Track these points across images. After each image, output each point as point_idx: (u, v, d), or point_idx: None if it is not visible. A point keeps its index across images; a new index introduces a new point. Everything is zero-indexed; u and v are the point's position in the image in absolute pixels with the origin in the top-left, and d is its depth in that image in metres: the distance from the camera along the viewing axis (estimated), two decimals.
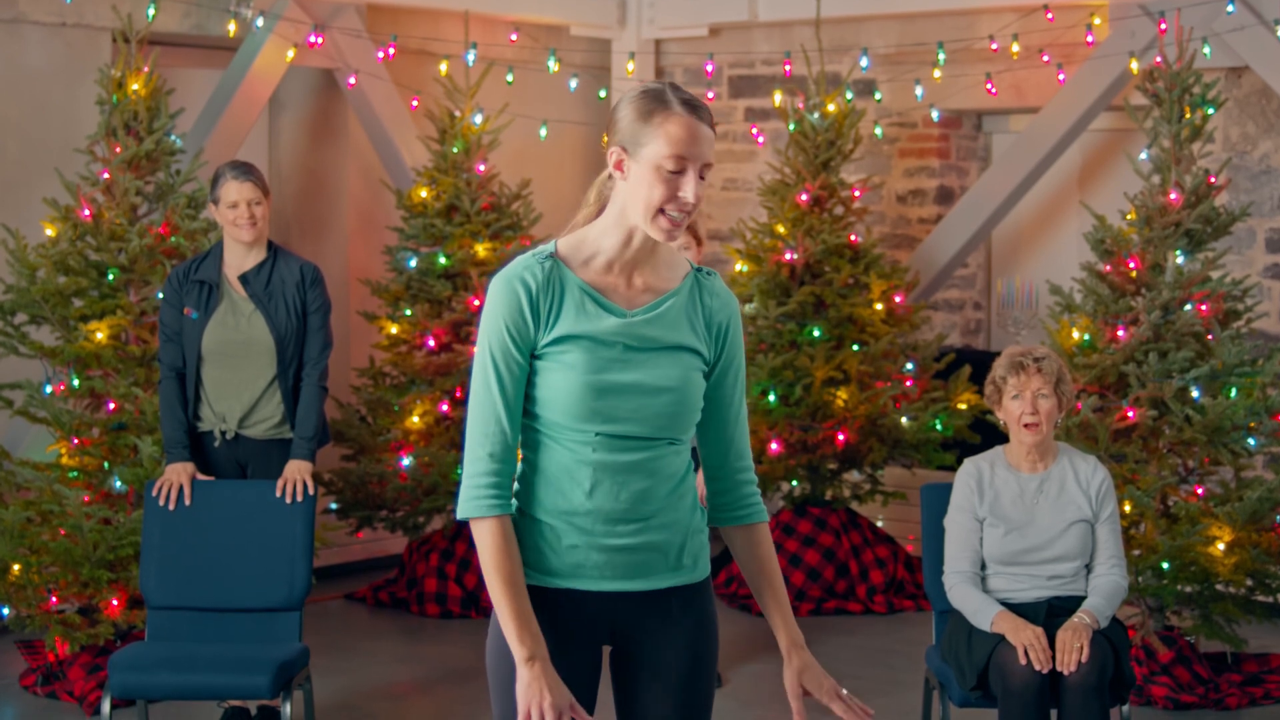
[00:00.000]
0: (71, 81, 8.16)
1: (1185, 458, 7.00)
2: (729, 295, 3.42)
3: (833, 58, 9.47)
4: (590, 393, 3.27)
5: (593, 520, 3.31)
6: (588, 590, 3.34)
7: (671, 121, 3.23)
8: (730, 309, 3.41)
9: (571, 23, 10.16)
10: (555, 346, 3.29)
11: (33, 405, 6.91)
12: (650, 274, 3.36)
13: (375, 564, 9.26)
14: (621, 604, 3.37)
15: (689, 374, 3.34)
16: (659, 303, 3.34)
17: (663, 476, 3.34)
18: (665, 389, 3.31)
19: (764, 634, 7.87)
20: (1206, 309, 6.92)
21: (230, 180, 6.12)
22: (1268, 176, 8.71)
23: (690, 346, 3.35)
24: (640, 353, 3.31)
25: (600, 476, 3.29)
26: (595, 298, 3.31)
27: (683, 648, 3.40)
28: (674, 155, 3.23)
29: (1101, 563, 5.32)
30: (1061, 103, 8.91)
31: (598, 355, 3.28)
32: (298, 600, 5.85)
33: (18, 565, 6.69)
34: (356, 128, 9.36)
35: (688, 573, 3.41)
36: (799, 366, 8.42)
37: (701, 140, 3.24)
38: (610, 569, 3.33)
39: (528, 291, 3.29)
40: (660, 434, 3.32)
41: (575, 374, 3.28)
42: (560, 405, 3.29)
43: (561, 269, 3.32)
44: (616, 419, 3.28)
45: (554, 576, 3.34)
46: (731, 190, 10.53)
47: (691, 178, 3.24)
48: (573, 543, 3.32)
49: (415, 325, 8.37)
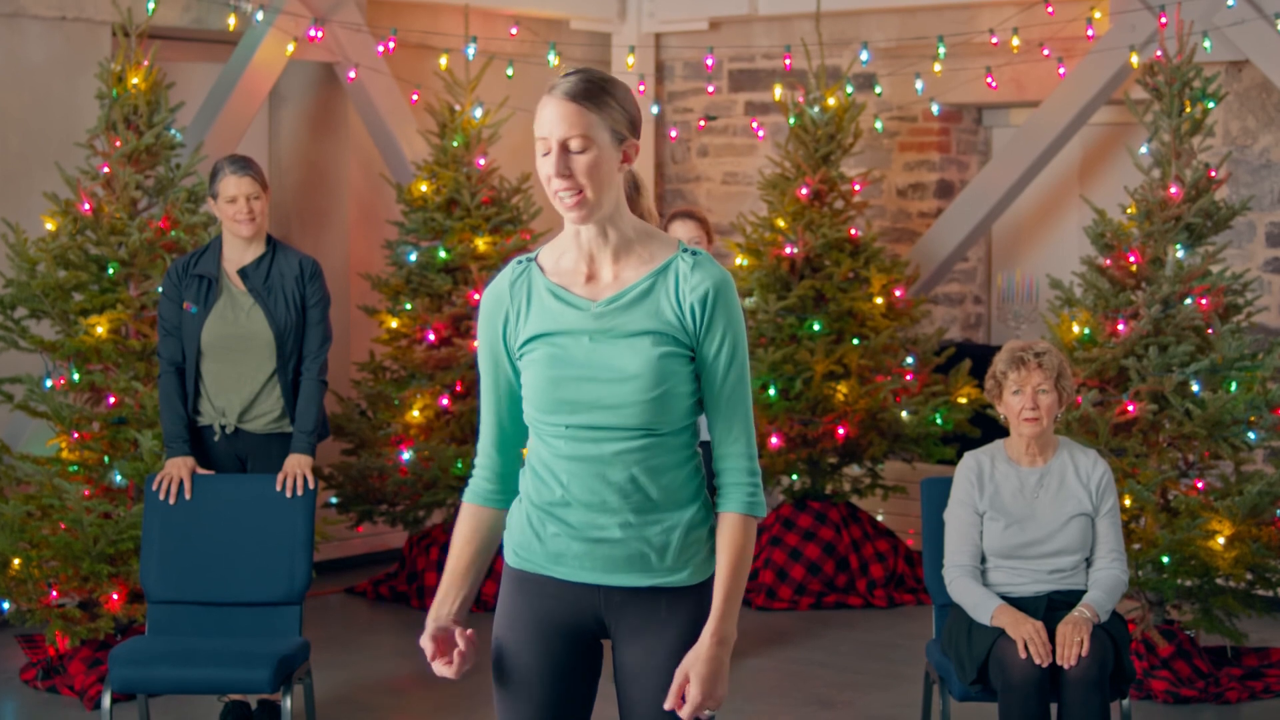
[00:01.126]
0: (71, 75, 8.15)
1: (1185, 452, 7.00)
2: (709, 271, 3.33)
3: (833, 51, 9.47)
4: (551, 385, 3.31)
5: (571, 512, 3.34)
6: (569, 580, 3.37)
7: (540, 105, 3.32)
8: (706, 285, 3.31)
9: (572, 16, 10.16)
10: (527, 346, 3.36)
11: (33, 399, 6.91)
12: (625, 263, 3.37)
13: (376, 558, 9.26)
14: (606, 598, 3.37)
15: (660, 360, 3.29)
16: (625, 291, 3.34)
17: (650, 470, 3.32)
18: (630, 376, 3.29)
19: (763, 628, 7.88)
20: (1207, 303, 6.92)
21: (229, 175, 6.12)
22: (1268, 170, 8.71)
23: (660, 331, 3.30)
24: (604, 343, 3.32)
25: (574, 468, 3.32)
26: (560, 294, 3.35)
27: (671, 653, 3.34)
28: (537, 136, 3.31)
29: (1102, 557, 5.32)
30: (1062, 97, 8.90)
31: (561, 349, 3.32)
32: (298, 594, 5.86)
33: (18, 559, 6.69)
34: (357, 122, 9.35)
35: (678, 575, 3.36)
36: (799, 360, 8.42)
37: (555, 116, 3.28)
38: (591, 561, 3.34)
39: (498, 301, 3.40)
40: (635, 424, 3.29)
41: (539, 369, 3.34)
42: (533, 400, 3.36)
43: (533, 272, 3.39)
44: (580, 410, 3.30)
45: (539, 563, 3.39)
46: (732, 184, 10.53)
47: (553, 156, 3.28)
48: (554, 532, 3.36)
49: (415, 319, 8.37)
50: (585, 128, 3.27)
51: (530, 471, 3.40)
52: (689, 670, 3.27)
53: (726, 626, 3.30)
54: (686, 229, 6.73)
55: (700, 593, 3.38)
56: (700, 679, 3.26)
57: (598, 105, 3.28)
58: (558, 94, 3.28)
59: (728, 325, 3.33)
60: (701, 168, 10.63)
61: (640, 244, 3.38)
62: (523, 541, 3.40)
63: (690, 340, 3.33)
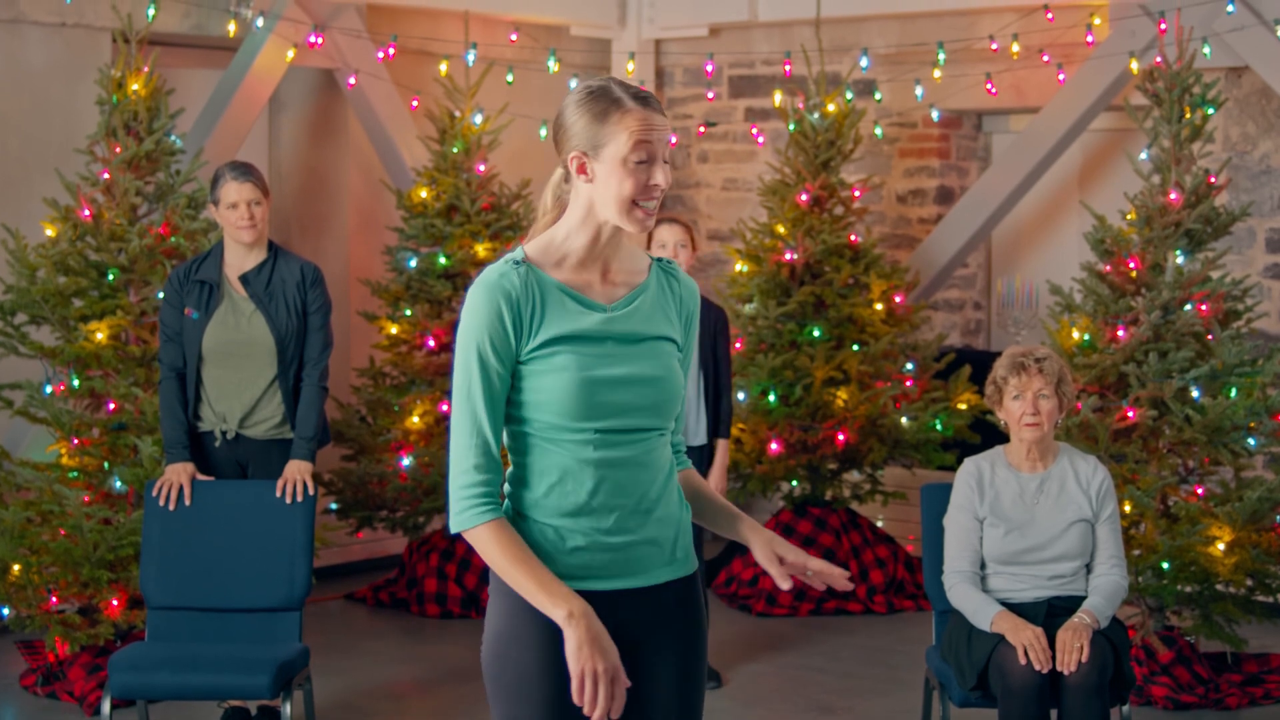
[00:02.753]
0: (71, 81, 8.16)
1: (1185, 458, 7.00)
2: (691, 282, 3.52)
3: (833, 58, 9.48)
4: (586, 389, 3.28)
5: (599, 518, 3.32)
6: (593, 590, 3.33)
7: (629, 117, 3.28)
8: (695, 296, 3.51)
9: (571, 22, 10.16)
10: (543, 350, 3.30)
11: (33, 405, 6.91)
12: (619, 268, 3.41)
13: (375, 564, 9.26)
14: (624, 601, 3.36)
15: (671, 362, 3.41)
16: (634, 295, 3.39)
17: (656, 468, 3.38)
18: (655, 378, 3.35)
19: (763, 634, 7.88)
20: (1206, 309, 6.92)
21: (230, 181, 6.12)
22: (1268, 176, 8.71)
23: (668, 335, 3.42)
24: (627, 345, 3.34)
25: (604, 474, 3.31)
26: (575, 296, 3.34)
27: (679, 640, 3.44)
28: (639, 149, 3.28)
29: (1101, 562, 5.32)
30: (1061, 103, 8.91)
31: (588, 352, 3.31)
32: (298, 600, 5.85)
33: (18, 565, 6.69)
34: (357, 128, 9.36)
35: (681, 565, 3.45)
36: (799, 366, 8.42)
37: (658, 128, 3.31)
38: (613, 568, 3.35)
39: (508, 300, 3.29)
40: (651, 424, 3.36)
41: (569, 374, 3.29)
42: (556, 407, 3.29)
43: (537, 273, 3.33)
44: (614, 414, 3.31)
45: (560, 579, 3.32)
46: (731, 190, 10.53)
47: (659, 165, 3.31)
48: (578, 544, 3.32)
49: (415, 325, 8.37)
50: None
51: (538, 483, 3.33)
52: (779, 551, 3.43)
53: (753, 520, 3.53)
54: (673, 233, 6.77)
55: (695, 579, 3.49)
56: (789, 548, 3.42)
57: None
58: (656, 105, 3.33)
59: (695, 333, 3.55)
60: (702, 174, 10.64)
61: (626, 249, 3.45)
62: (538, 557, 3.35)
63: (682, 343, 3.48)
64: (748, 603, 8.35)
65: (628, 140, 3.27)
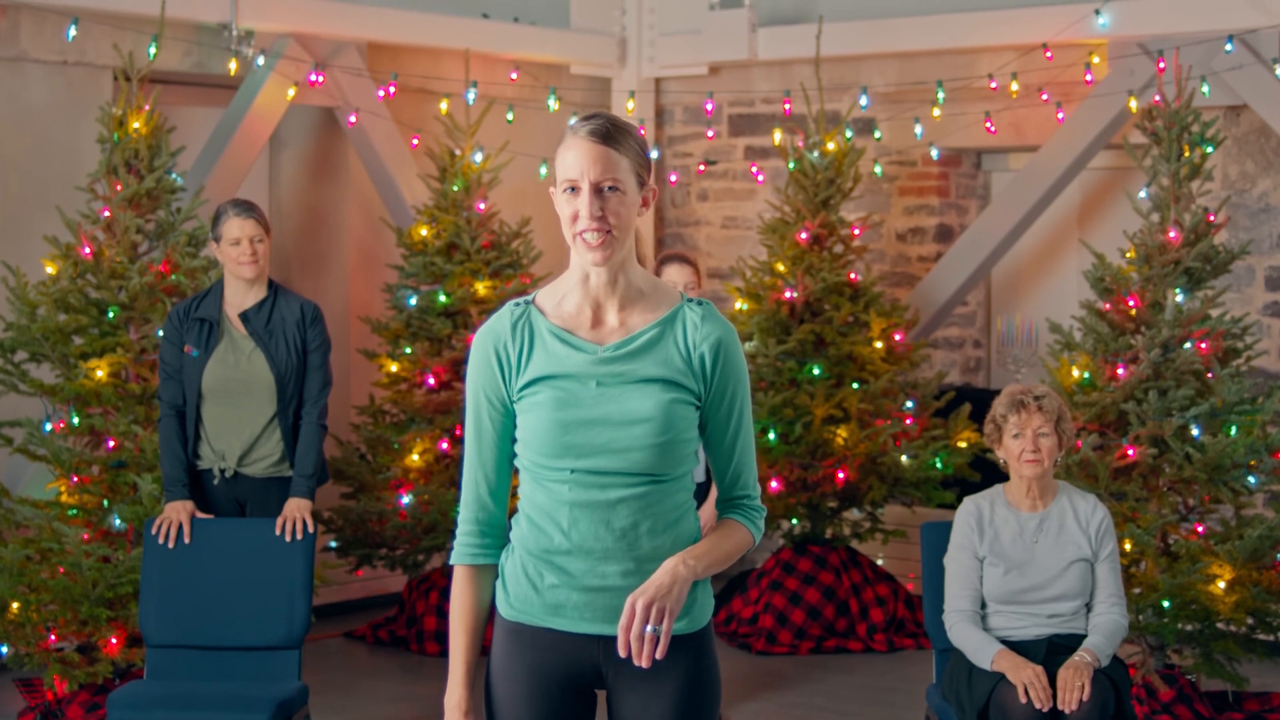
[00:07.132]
0: (73, 119, 8.18)
1: (1185, 496, 6.99)
2: (716, 324, 3.37)
3: (832, 96, 9.50)
4: (558, 428, 3.28)
5: (572, 560, 3.30)
6: (567, 631, 3.32)
7: (565, 146, 3.30)
8: (713, 338, 3.35)
9: (571, 61, 10.19)
10: (528, 389, 3.33)
11: (32, 443, 6.90)
12: (631, 310, 3.37)
13: (375, 602, 9.24)
14: (605, 648, 3.32)
15: (669, 407, 3.30)
16: (633, 337, 3.34)
17: (652, 515, 3.31)
18: (639, 421, 3.28)
19: (764, 672, 7.86)
20: (1206, 347, 6.92)
21: (233, 217, 6.14)
22: (1267, 214, 8.73)
23: (668, 379, 3.32)
24: (614, 387, 3.30)
25: (578, 515, 3.29)
26: (564, 338, 3.33)
27: (671, 702, 3.32)
28: (565, 177, 3.28)
29: (1101, 601, 5.31)
30: (1060, 141, 8.93)
31: (568, 392, 3.30)
32: (297, 638, 5.84)
33: (17, 603, 6.67)
34: (357, 166, 9.38)
35: (677, 622, 3.31)
36: (799, 404, 8.42)
37: (587, 158, 3.26)
38: (591, 610, 3.30)
39: (495, 344, 3.35)
40: (641, 469, 3.29)
41: (544, 412, 3.30)
42: (535, 444, 3.31)
43: (533, 314, 3.36)
44: (588, 454, 3.28)
45: (536, 615, 3.34)
46: (731, 228, 10.55)
47: (586, 195, 3.26)
48: (553, 582, 3.31)
49: (415, 363, 8.37)
50: (616, 170, 3.28)
51: (525, 519, 3.35)
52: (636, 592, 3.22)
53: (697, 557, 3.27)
54: (683, 273, 6.77)
55: (698, 641, 3.36)
56: (652, 583, 3.20)
57: (624, 148, 3.29)
58: (584, 135, 3.27)
59: (739, 375, 3.38)
60: (701, 212, 10.66)
61: (646, 292, 3.39)
62: (518, 593, 3.35)
63: (698, 389, 3.35)
64: (748, 641, 8.33)
65: (561, 170, 3.30)
